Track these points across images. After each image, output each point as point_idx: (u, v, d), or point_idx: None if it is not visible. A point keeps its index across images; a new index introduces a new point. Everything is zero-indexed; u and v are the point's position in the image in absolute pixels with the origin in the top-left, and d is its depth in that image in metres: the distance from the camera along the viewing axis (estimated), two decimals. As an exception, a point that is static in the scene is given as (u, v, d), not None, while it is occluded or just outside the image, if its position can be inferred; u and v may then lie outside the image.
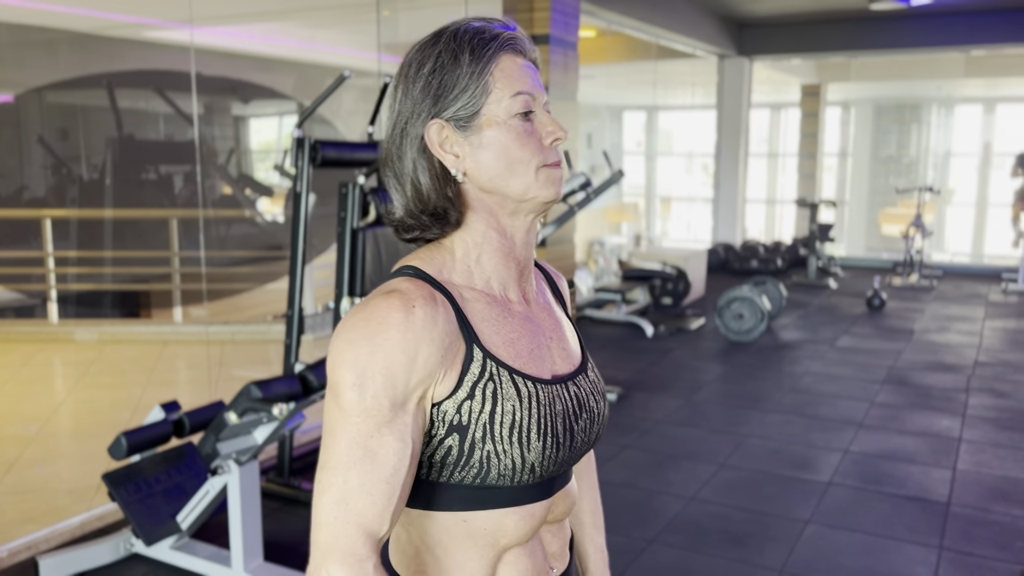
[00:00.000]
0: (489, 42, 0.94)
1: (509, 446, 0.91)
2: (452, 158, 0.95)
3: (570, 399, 0.99)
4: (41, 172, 7.24)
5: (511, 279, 1.00)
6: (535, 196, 0.96)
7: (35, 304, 7.04)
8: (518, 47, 0.97)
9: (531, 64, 0.98)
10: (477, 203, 0.97)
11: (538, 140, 0.96)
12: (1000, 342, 6.67)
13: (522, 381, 0.94)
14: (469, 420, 0.91)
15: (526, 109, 0.95)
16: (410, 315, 0.88)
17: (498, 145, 0.94)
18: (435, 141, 0.95)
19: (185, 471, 3.12)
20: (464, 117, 0.94)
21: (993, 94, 12.30)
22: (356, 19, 7.02)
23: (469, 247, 0.98)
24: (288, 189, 8.13)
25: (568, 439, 0.97)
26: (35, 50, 6.81)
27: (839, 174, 13.16)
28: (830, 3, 8.75)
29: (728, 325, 6.56)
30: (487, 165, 0.95)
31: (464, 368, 0.91)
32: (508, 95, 0.94)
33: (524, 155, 0.95)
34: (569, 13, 6.36)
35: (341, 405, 0.87)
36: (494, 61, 0.94)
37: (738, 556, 3.15)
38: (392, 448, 0.87)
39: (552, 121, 0.97)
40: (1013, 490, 3.76)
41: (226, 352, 6.18)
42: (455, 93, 0.93)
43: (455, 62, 0.93)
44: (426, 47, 0.95)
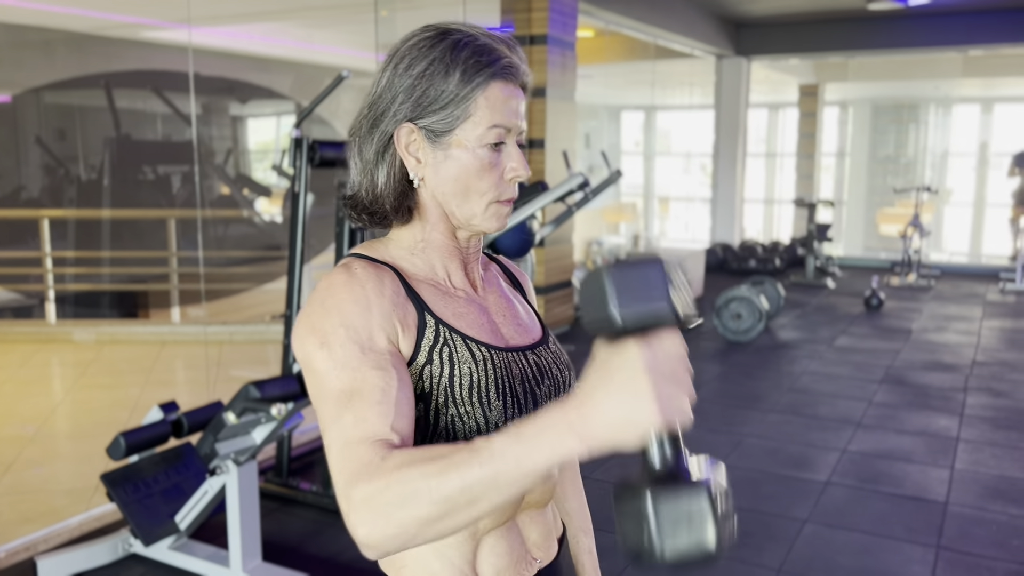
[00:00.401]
0: (483, 68, 0.94)
1: (471, 407, 0.93)
2: (414, 161, 0.97)
3: (529, 365, 1.01)
4: (39, 172, 7.23)
5: (455, 268, 1.03)
6: (478, 225, 1.00)
7: (33, 304, 7.04)
8: (512, 74, 0.97)
9: (520, 90, 0.99)
10: (431, 205, 1.00)
11: (499, 173, 0.98)
12: (998, 342, 6.68)
13: (475, 345, 0.96)
14: (431, 386, 0.93)
15: (497, 141, 0.96)
16: (351, 274, 0.92)
17: (460, 167, 0.96)
18: (403, 142, 0.97)
19: (183, 471, 3.11)
20: (437, 131, 0.96)
21: (990, 94, 12.32)
22: (354, 19, 7.03)
23: (416, 240, 1.02)
24: (286, 189, 8.13)
25: (531, 402, 0.99)
26: (33, 50, 6.80)
27: (837, 174, 13.18)
28: (828, 3, 8.76)
29: (726, 325, 6.57)
30: (444, 181, 0.97)
31: (419, 334, 0.93)
32: (484, 125, 0.95)
33: (481, 185, 0.97)
34: (567, 13, 6.37)
35: (316, 369, 0.88)
36: (482, 88, 0.95)
37: (736, 555, 3.15)
38: (373, 378, 0.86)
39: (519, 158, 0.99)
40: (1010, 489, 3.77)
41: (224, 352, 6.18)
42: (436, 107, 0.95)
43: (445, 77, 0.94)
44: (424, 46, 0.95)
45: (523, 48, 6.70)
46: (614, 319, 0.71)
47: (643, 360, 0.70)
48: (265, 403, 2.79)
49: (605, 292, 0.72)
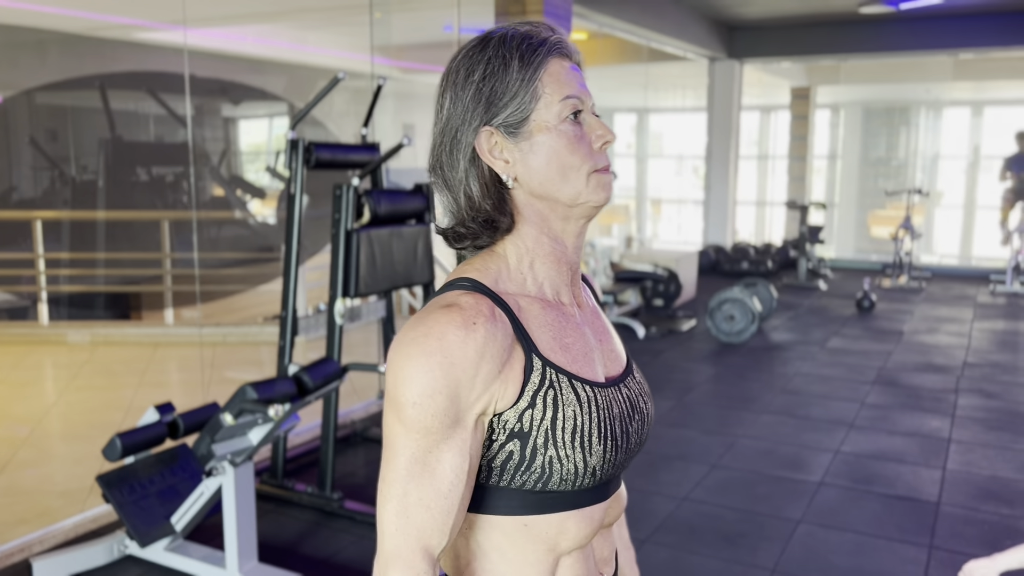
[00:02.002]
0: (538, 47, 0.94)
1: (571, 451, 0.92)
2: (502, 164, 0.95)
3: (624, 401, 1.00)
4: (32, 173, 7.21)
5: (563, 283, 1.01)
6: (586, 201, 0.96)
7: (26, 306, 7.01)
8: (565, 51, 0.97)
9: (576, 67, 0.99)
10: (528, 209, 0.97)
11: (588, 144, 0.96)
12: (989, 343, 6.72)
13: (581, 386, 0.95)
14: (531, 427, 0.91)
15: (575, 110, 0.95)
16: (471, 333, 0.87)
17: (549, 150, 0.94)
18: (485, 148, 0.95)
19: (179, 472, 3.12)
20: (514, 123, 0.94)
21: (981, 97, 12.39)
22: (348, 21, 7.03)
23: (522, 253, 0.98)
24: (280, 191, 8.13)
25: (624, 441, 0.98)
26: (26, 51, 6.78)
27: (829, 176, 13.23)
28: (819, 6, 8.80)
29: (719, 326, 6.59)
30: (538, 170, 0.95)
31: (525, 378, 0.91)
32: (557, 100, 0.94)
33: (575, 160, 0.95)
34: (560, 16, 6.39)
35: (402, 420, 0.88)
36: (543, 66, 0.94)
37: (731, 556, 3.17)
38: (451, 464, 0.88)
39: (601, 124, 0.97)
40: (1002, 489, 3.79)
41: (218, 354, 6.18)
42: (505, 100, 0.93)
43: (505, 68, 0.93)
44: (474, 53, 0.95)
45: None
46: None
47: None
48: (262, 404, 2.80)
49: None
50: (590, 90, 0.99)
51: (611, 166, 0.99)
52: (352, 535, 3.33)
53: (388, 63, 7.52)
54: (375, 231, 3.52)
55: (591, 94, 0.98)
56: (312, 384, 3.08)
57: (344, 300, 3.50)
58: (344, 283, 3.48)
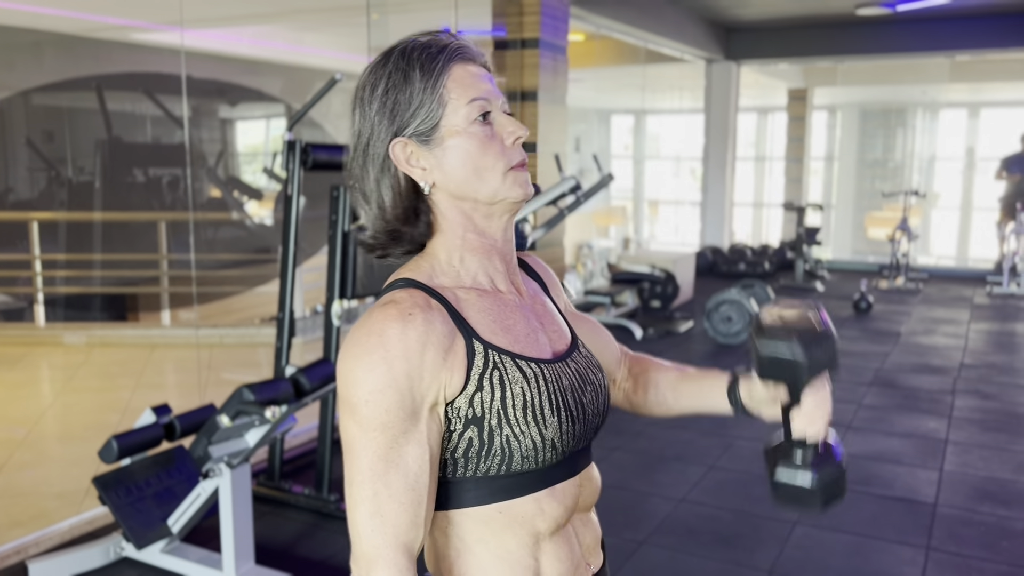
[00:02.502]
0: (437, 55, 0.96)
1: (526, 426, 0.93)
2: (420, 171, 0.97)
3: (573, 374, 1.02)
4: (28, 175, 7.20)
5: (498, 272, 1.02)
6: (505, 197, 0.98)
7: (23, 307, 7.00)
8: (467, 55, 0.98)
9: (483, 69, 1.00)
10: (451, 210, 1.00)
11: (500, 142, 0.98)
12: (985, 344, 6.73)
13: (525, 363, 0.96)
14: (483, 411, 0.93)
15: (483, 112, 0.97)
16: (408, 324, 0.90)
17: (462, 153, 0.96)
18: (402, 158, 0.97)
19: (176, 474, 3.11)
20: (425, 131, 0.96)
21: (977, 99, 12.42)
22: (345, 22, 7.02)
23: (451, 250, 1.00)
24: (277, 192, 8.12)
25: (580, 412, 0.99)
26: (22, 52, 6.77)
27: (825, 178, 13.24)
28: (816, 8, 8.81)
29: (716, 328, 6.60)
30: (454, 173, 0.97)
31: (469, 363, 0.93)
32: (464, 103, 0.96)
33: (488, 160, 0.97)
34: (558, 17, 6.39)
35: (358, 421, 0.89)
36: (445, 72, 0.96)
37: (728, 557, 3.17)
38: (414, 456, 0.89)
39: (511, 121, 0.99)
40: (999, 490, 3.80)
41: (215, 355, 6.17)
42: (412, 110, 0.96)
43: (406, 80, 0.95)
44: (377, 68, 0.98)
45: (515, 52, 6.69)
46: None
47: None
48: (259, 406, 2.79)
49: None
50: (500, 91, 1.01)
51: (526, 161, 1.00)
52: (349, 537, 3.32)
53: (385, 64, 7.50)
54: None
55: (500, 94, 1.00)
56: (309, 386, 3.08)
57: (341, 301, 3.49)
58: (341, 284, 3.48)
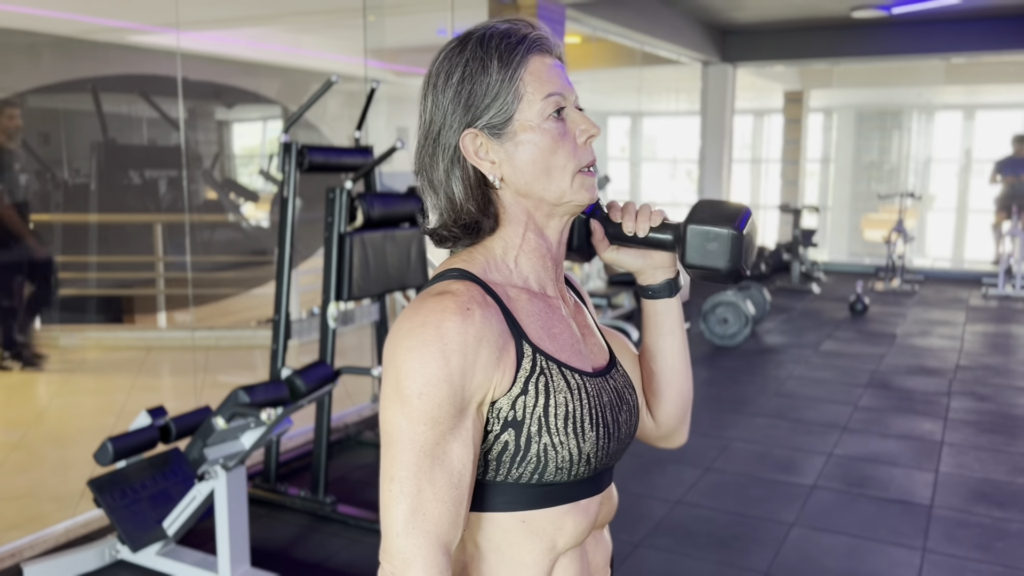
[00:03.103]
0: (516, 46, 0.94)
1: (565, 437, 0.92)
2: (489, 165, 0.95)
3: (612, 391, 1.01)
4: (24, 177, 7.18)
5: (548, 278, 1.01)
6: (571, 200, 0.97)
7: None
8: (545, 47, 0.97)
9: (559, 62, 0.99)
10: (514, 207, 0.98)
11: (572, 141, 0.96)
12: (981, 346, 6.74)
13: (570, 373, 0.95)
14: (524, 415, 0.91)
15: (557, 108, 0.95)
16: (467, 319, 0.88)
17: (534, 149, 0.94)
18: (471, 150, 0.95)
19: (171, 477, 3.10)
20: (498, 124, 0.94)
21: (973, 101, 12.44)
22: (342, 24, 7.02)
23: (508, 248, 0.99)
24: (273, 194, 8.12)
25: (616, 429, 0.98)
26: (18, 54, 6.76)
27: (822, 180, 13.26)
28: (812, 11, 8.83)
29: (713, 329, 6.60)
30: (524, 169, 0.95)
31: (517, 365, 0.91)
32: (540, 98, 0.94)
33: (560, 159, 0.95)
34: (555, 20, 6.39)
35: (408, 414, 0.86)
36: (523, 65, 0.94)
37: (724, 559, 3.17)
38: (458, 454, 0.87)
39: (584, 118, 0.97)
40: (994, 492, 3.80)
41: (211, 357, 6.16)
42: (487, 101, 0.93)
43: (484, 70, 0.93)
44: (453, 55, 0.95)
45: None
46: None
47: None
48: (254, 408, 2.79)
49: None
50: (574, 86, 0.99)
51: (595, 161, 0.99)
52: (345, 539, 3.32)
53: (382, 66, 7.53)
54: (368, 234, 3.52)
55: (573, 88, 0.98)
56: (305, 388, 3.07)
57: (337, 304, 3.49)
58: (337, 287, 3.47)
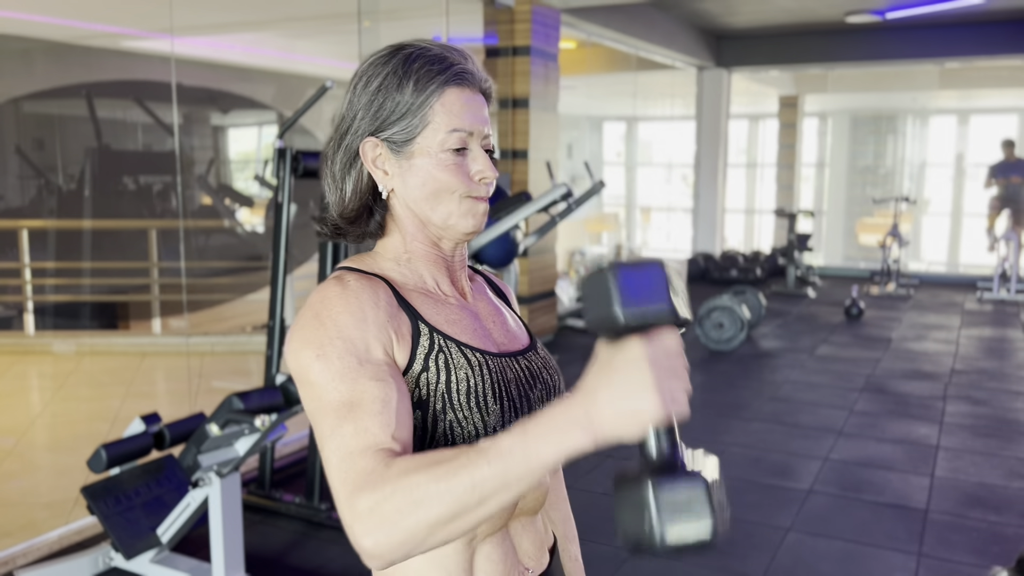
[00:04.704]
0: (436, 75, 0.96)
1: (469, 412, 0.94)
2: (382, 174, 0.99)
3: (521, 370, 1.02)
4: (18, 182, 7.17)
5: (443, 277, 1.04)
6: (454, 225, 0.99)
7: (12, 316, 6.96)
8: (468, 80, 0.99)
9: (481, 96, 1.00)
10: (405, 219, 1.01)
11: (466, 175, 0.98)
12: (976, 350, 6.75)
13: (470, 351, 0.97)
14: (428, 393, 0.93)
15: (459, 146, 0.97)
16: (345, 286, 0.93)
17: (425, 174, 0.97)
18: (369, 156, 0.98)
19: (165, 484, 3.09)
20: (399, 141, 0.97)
21: (967, 106, 12.49)
22: (337, 29, 7.03)
23: (400, 252, 1.02)
24: (268, 199, 8.10)
25: (525, 405, 1.00)
26: (12, 60, 6.75)
27: (817, 184, 13.29)
28: (807, 16, 8.85)
29: (708, 334, 6.60)
30: (413, 188, 0.98)
31: (414, 342, 0.94)
32: (444, 130, 0.96)
33: (450, 185, 0.98)
34: (550, 25, 6.40)
35: (313, 381, 0.88)
36: (437, 95, 0.96)
37: (720, 564, 3.17)
38: (372, 389, 0.86)
39: (484, 160, 0.99)
40: (990, 496, 3.80)
41: (206, 363, 6.14)
42: (394, 118, 0.97)
43: (399, 88, 0.96)
44: (379, 63, 0.98)
45: (506, 60, 6.68)
46: (617, 318, 0.75)
47: (645, 355, 0.75)
48: (248, 414, 2.78)
49: (609, 293, 0.75)
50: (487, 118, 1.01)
51: (487, 197, 1.00)
52: (340, 546, 3.31)
53: (377, 72, 7.51)
54: (364, 241, 3.51)
55: (487, 124, 1.00)
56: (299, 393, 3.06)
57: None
58: (332, 292, 3.46)
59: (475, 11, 6.06)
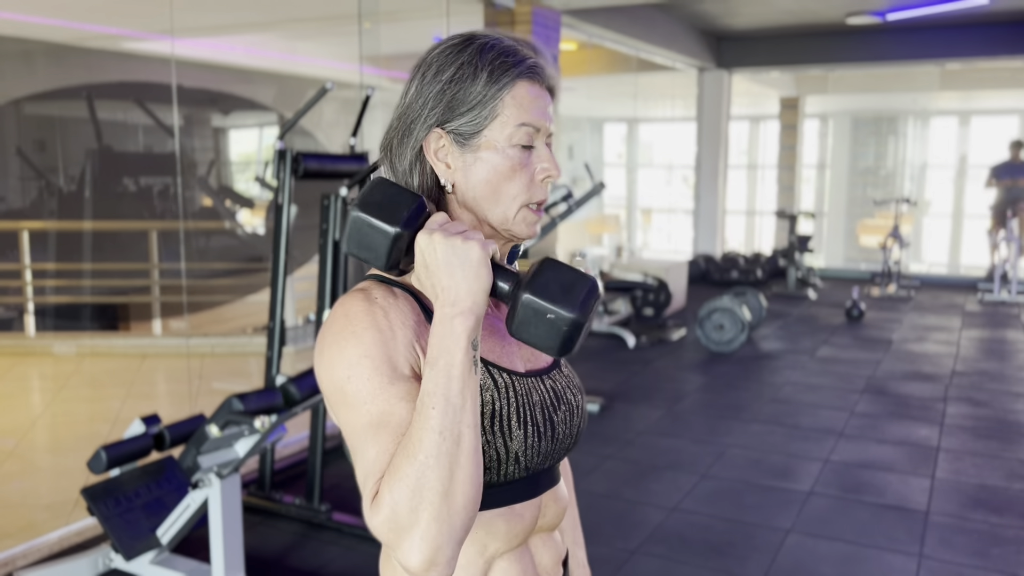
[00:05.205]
0: (511, 68, 0.95)
1: (492, 436, 0.93)
2: (444, 167, 0.96)
3: (546, 391, 1.00)
4: (19, 184, 7.17)
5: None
6: (510, 230, 0.98)
7: (12, 317, 6.97)
8: (539, 75, 0.97)
9: (547, 92, 0.99)
10: (462, 215, 0.98)
11: (530, 175, 0.97)
12: (977, 352, 6.74)
13: (497, 372, 0.96)
14: None
15: (527, 143, 0.96)
16: (372, 303, 0.91)
17: (490, 168, 0.95)
18: (431, 148, 0.96)
19: (165, 485, 3.09)
20: (466, 133, 0.95)
21: (968, 107, 12.48)
22: (337, 31, 7.03)
23: None
24: (269, 201, 8.10)
25: (549, 429, 0.98)
26: (13, 61, 6.76)
27: (818, 186, 13.29)
28: (808, 17, 8.85)
29: (709, 336, 6.60)
30: (475, 184, 0.96)
31: None
32: (513, 124, 0.95)
33: (512, 188, 0.96)
34: (550, 26, 6.40)
35: (348, 402, 0.88)
36: (509, 88, 0.95)
37: (720, 566, 3.16)
38: (401, 411, 0.86)
39: (550, 158, 0.98)
40: (990, 498, 3.80)
41: (206, 365, 6.14)
42: (464, 109, 0.94)
43: (473, 78, 0.94)
44: (452, 52, 0.96)
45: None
46: (391, 233, 0.87)
47: (430, 234, 0.86)
48: (248, 416, 2.78)
49: (376, 228, 0.87)
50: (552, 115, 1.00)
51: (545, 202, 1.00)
52: (340, 547, 3.31)
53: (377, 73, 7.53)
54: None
55: (551, 123, 0.99)
56: (299, 395, 3.06)
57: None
58: (332, 293, 3.47)
59: (475, 12, 6.06)
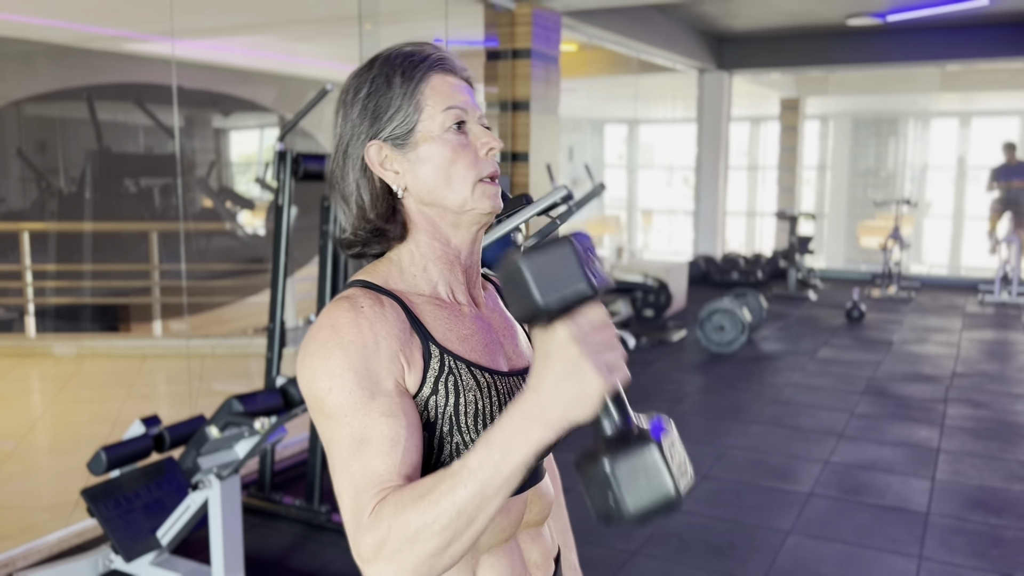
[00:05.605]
0: (419, 64, 0.99)
1: (475, 435, 0.95)
2: (392, 175, 0.99)
3: None
4: (20, 185, 7.18)
5: (458, 284, 1.04)
6: (472, 208, 1.00)
7: (12, 318, 6.97)
8: (448, 67, 1.01)
9: (464, 82, 1.03)
10: (419, 216, 1.01)
11: (473, 152, 1.00)
12: (977, 353, 6.74)
13: (479, 372, 0.98)
14: (436, 415, 0.94)
15: (458, 120, 0.99)
16: (359, 313, 0.92)
17: (435, 158, 0.98)
18: (375, 161, 0.99)
19: (165, 486, 3.09)
20: (400, 135, 0.98)
21: (968, 108, 12.48)
22: (338, 32, 7.03)
23: (415, 258, 1.02)
24: (269, 202, 8.11)
25: None
26: (14, 62, 6.76)
27: (818, 187, 13.29)
28: (808, 18, 8.85)
29: (709, 337, 6.60)
30: (425, 178, 0.99)
31: (425, 365, 0.95)
32: (440, 110, 0.98)
33: (459, 169, 0.98)
34: (550, 28, 6.40)
35: (327, 413, 0.90)
36: (424, 80, 0.98)
37: (720, 567, 3.16)
38: (383, 426, 0.88)
39: (486, 132, 1.01)
40: (990, 499, 3.80)
41: (206, 366, 6.14)
42: (390, 114, 0.98)
43: (388, 85, 0.98)
44: (362, 73, 1.01)
45: (507, 62, 6.68)
46: (540, 308, 0.78)
47: (573, 337, 0.78)
48: (248, 417, 2.78)
49: (527, 284, 0.77)
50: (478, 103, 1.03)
51: (498, 173, 1.02)
52: (340, 548, 3.31)
53: (378, 74, 7.52)
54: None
55: (478, 107, 1.02)
56: (299, 396, 3.06)
57: (332, 312, 3.48)
58: (332, 295, 3.47)
59: (475, 13, 6.06)
